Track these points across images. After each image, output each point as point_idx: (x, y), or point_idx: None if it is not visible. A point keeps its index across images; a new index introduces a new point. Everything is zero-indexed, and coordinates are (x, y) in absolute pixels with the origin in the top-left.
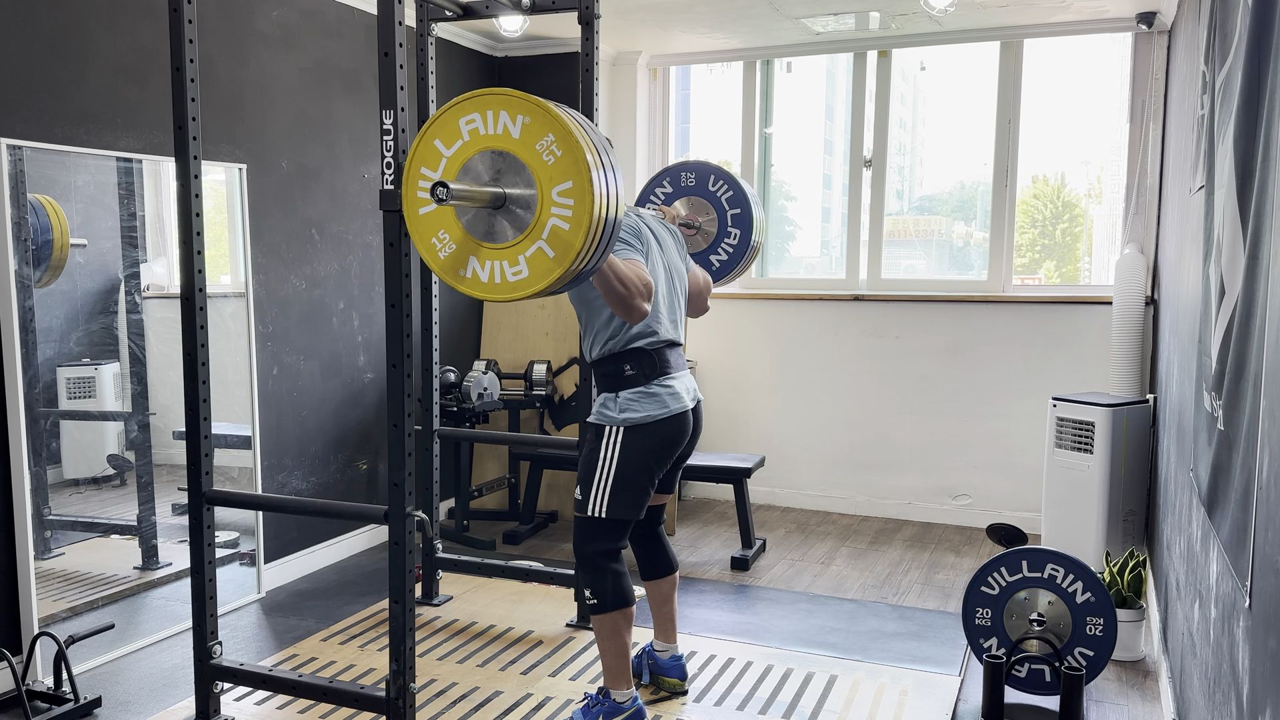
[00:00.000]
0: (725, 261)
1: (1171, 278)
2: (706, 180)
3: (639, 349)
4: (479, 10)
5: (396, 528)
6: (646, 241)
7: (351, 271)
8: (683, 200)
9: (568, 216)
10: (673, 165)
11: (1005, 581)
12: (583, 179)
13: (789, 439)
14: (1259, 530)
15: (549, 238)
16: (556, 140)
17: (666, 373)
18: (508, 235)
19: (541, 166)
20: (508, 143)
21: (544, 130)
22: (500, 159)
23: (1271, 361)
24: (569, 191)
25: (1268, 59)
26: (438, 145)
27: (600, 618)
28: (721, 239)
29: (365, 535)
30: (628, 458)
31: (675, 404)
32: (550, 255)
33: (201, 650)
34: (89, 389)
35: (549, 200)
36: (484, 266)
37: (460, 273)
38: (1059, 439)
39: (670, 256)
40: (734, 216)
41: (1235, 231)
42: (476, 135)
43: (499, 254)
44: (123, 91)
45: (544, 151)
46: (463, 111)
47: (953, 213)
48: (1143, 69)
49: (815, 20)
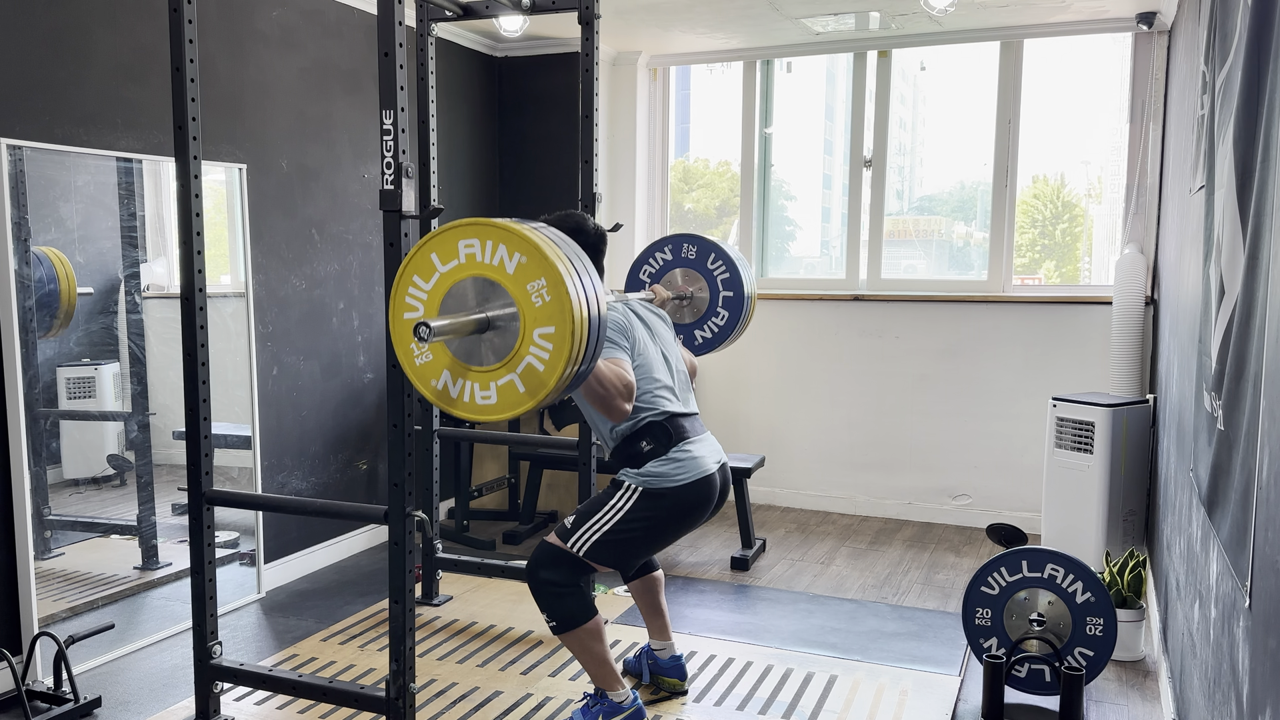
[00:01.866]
0: (708, 339)
1: (1171, 278)
2: (707, 257)
3: (652, 423)
4: (479, 10)
5: (396, 528)
6: (634, 336)
7: (351, 271)
8: (679, 270)
9: (544, 358)
10: (676, 235)
11: (1005, 581)
12: (565, 327)
13: (789, 439)
14: (1259, 530)
15: (523, 373)
16: (548, 285)
17: (685, 438)
18: (484, 360)
19: (529, 305)
20: (501, 276)
21: (538, 273)
22: (490, 288)
23: (1271, 361)
24: (550, 336)
25: (1268, 59)
26: (434, 259)
27: (565, 636)
28: (709, 317)
29: (365, 535)
30: (634, 518)
31: (696, 468)
32: (521, 390)
33: (201, 650)
34: (89, 389)
35: (529, 339)
36: (456, 383)
37: (432, 382)
38: (1059, 439)
39: (662, 339)
40: (725, 299)
41: (1235, 231)
42: (472, 260)
43: (472, 375)
44: (123, 91)
45: (534, 293)
46: (463, 235)
47: (953, 213)
48: (1143, 69)
49: (815, 20)
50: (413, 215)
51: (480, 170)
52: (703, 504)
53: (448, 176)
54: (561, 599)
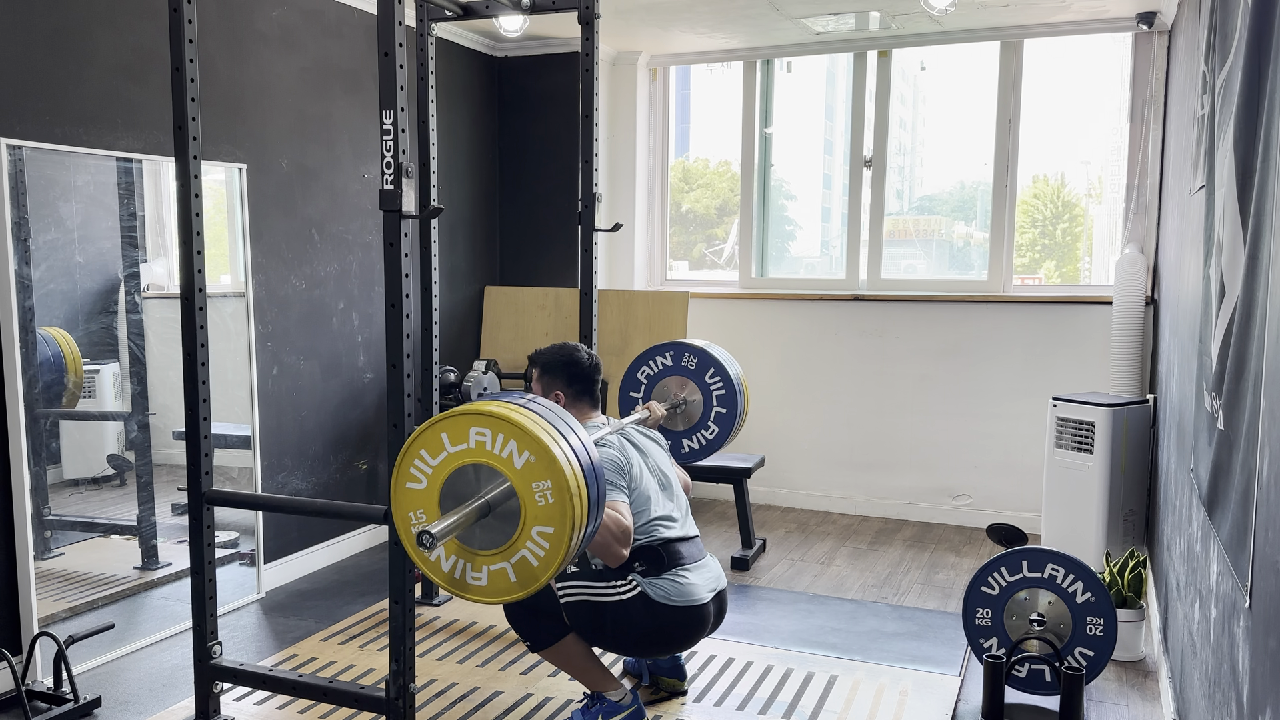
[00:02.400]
0: (695, 450)
1: (1171, 278)
2: (705, 370)
3: (646, 547)
4: (479, 10)
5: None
6: (630, 472)
7: (351, 271)
8: (675, 379)
9: (540, 555)
10: (679, 343)
11: (1005, 581)
12: (564, 530)
13: (789, 439)
14: (1259, 530)
15: (516, 564)
16: (553, 489)
17: (679, 564)
18: (480, 544)
19: (531, 503)
20: (508, 469)
21: (545, 475)
22: (495, 476)
23: (1271, 361)
24: (548, 535)
25: (1268, 59)
26: (444, 439)
27: (542, 654)
28: (699, 429)
29: (365, 535)
30: (620, 612)
31: (690, 595)
32: (512, 580)
33: (201, 650)
34: (89, 389)
35: (528, 534)
36: (449, 558)
37: (425, 552)
38: (1059, 439)
39: (657, 462)
40: (718, 414)
41: (1235, 231)
42: (481, 448)
43: (465, 555)
44: (123, 91)
45: (538, 493)
46: (476, 423)
47: (953, 213)
48: (1143, 69)
49: (815, 20)
50: (413, 215)
51: (480, 170)
52: (688, 631)
53: (448, 176)
54: (530, 619)
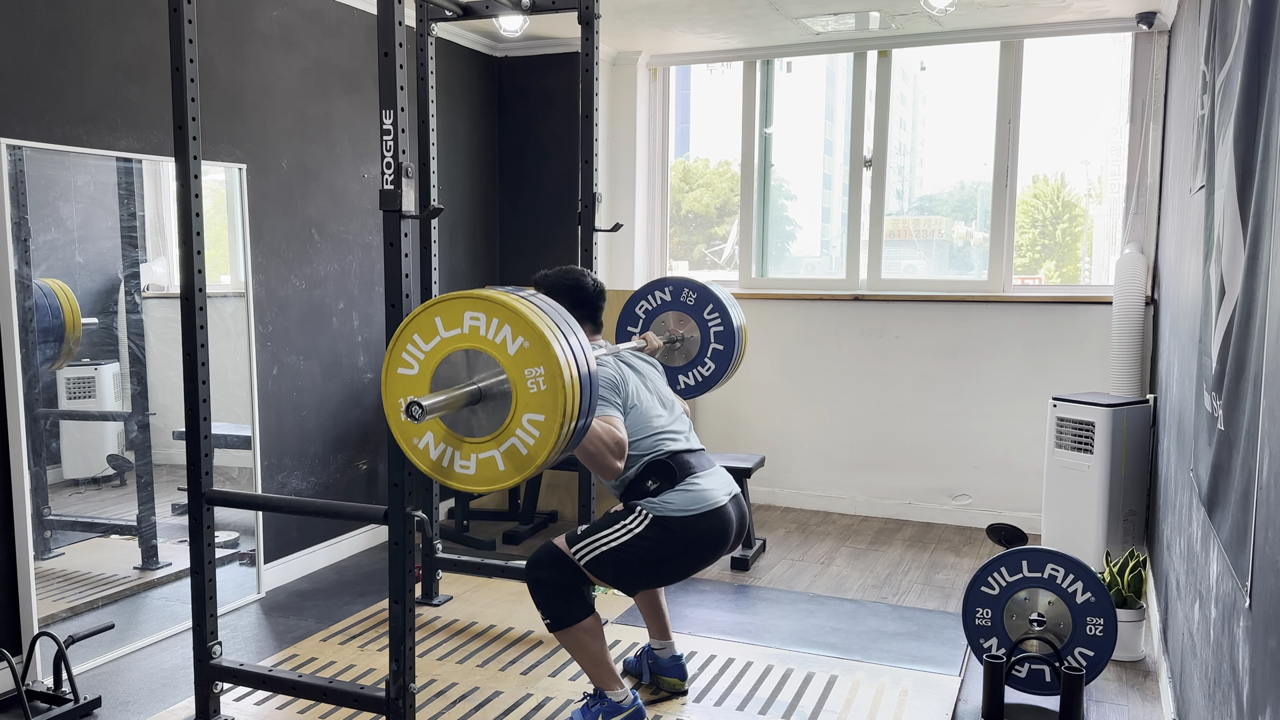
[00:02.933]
0: (691, 387)
1: (1171, 278)
2: (704, 306)
3: (655, 461)
4: (479, 10)
5: (396, 528)
6: (626, 390)
7: (351, 271)
8: (673, 314)
9: (530, 444)
10: (678, 278)
11: (1005, 581)
12: (555, 418)
13: (789, 439)
14: (1259, 530)
15: (506, 452)
16: (545, 376)
17: (691, 473)
18: (470, 431)
19: (523, 389)
20: (501, 355)
21: (537, 361)
22: (488, 362)
23: (1271, 361)
24: (539, 424)
25: (1268, 59)
26: (437, 323)
27: (560, 634)
28: (696, 364)
29: (365, 535)
30: (641, 545)
31: (706, 499)
32: (501, 468)
33: (201, 650)
34: (89, 389)
35: (518, 422)
36: (438, 445)
37: (414, 440)
38: (1059, 439)
39: (655, 384)
40: (715, 351)
41: (1235, 231)
42: (475, 333)
43: (454, 442)
44: (123, 91)
45: (530, 379)
46: (471, 307)
47: (953, 213)
48: (1143, 69)
49: (815, 20)
50: (413, 215)
51: (480, 170)
52: (715, 537)
53: (448, 176)
54: (556, 598)
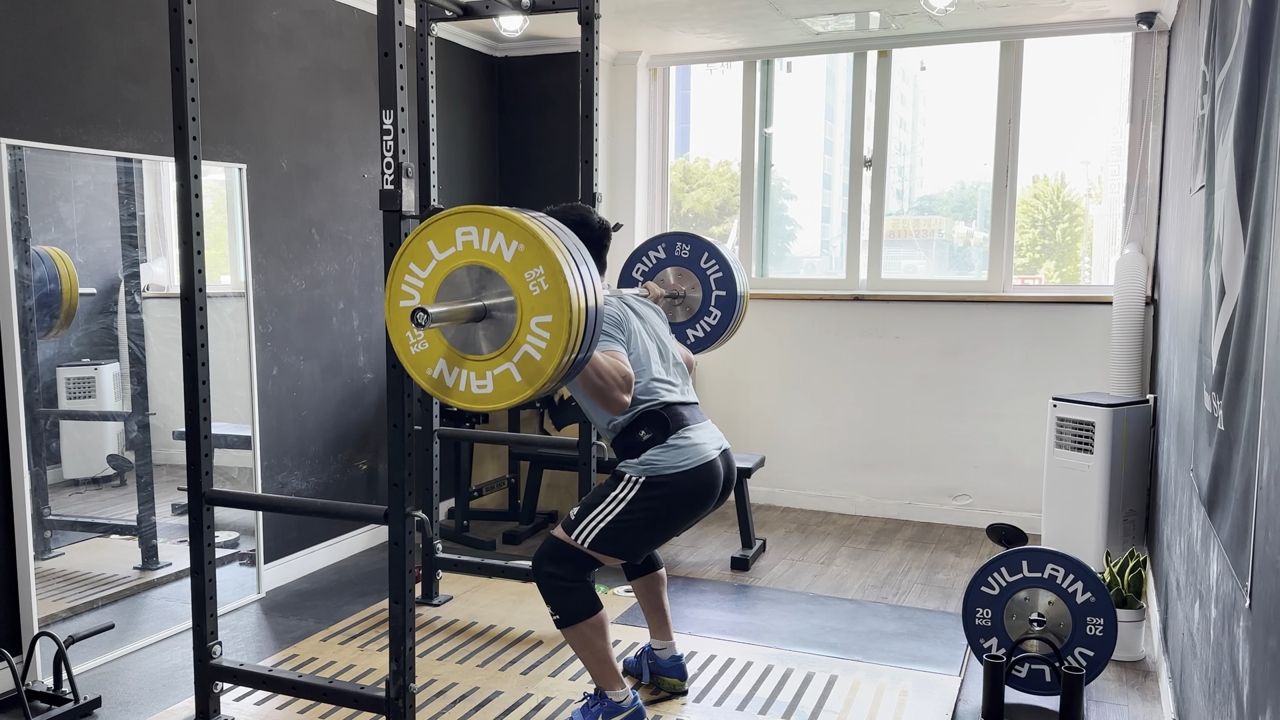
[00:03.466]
0: (701, 338)
1: (1171, 278)
2: (700, 256)
3: (650, 411)
4: (479, 10)
5: (396, 528)
6: (628, 328)
7: (351, 271)
8: (672, 269)
9: (541, 348)
10: (670, 233)
11: (1005, 581)
12: (563, 316)
13: (789, 439)
14: (1259, 530)
15: (520, 361)
16: (545, 275)
17: (684, 426)
18: (481, 348)
19: (526, 294)
20: (498, 264)
21: (535, 261)
22: (487, 275)
23: (1271, 361)
24: (547, 325)
25: (1268, 59)
26: (430, 246)
27: (568, 631)
28: (702, 316)
29: (365, 535)
30: (636, 510)
31: (697, 454)
32: (517, 379)
33: (201, 650)
34: (89, 389)
35: (526, 328)
36: (452, 371)
37: (428, 371)
38: (1059, 439)
39: (656, 330)
40: (718, 298)
41: (1235, 231)
42: (470, 248)
43: (469, 364)
44: (123, 91)
45: (531, 281)
46: (461, 223)
47: (953, 213)
48: (1143, 69)
49: (815, 20)
50: (413, 215)
51: (480, 170)
52: (706, 490)
53: (448, 176)
54: (566, 593)
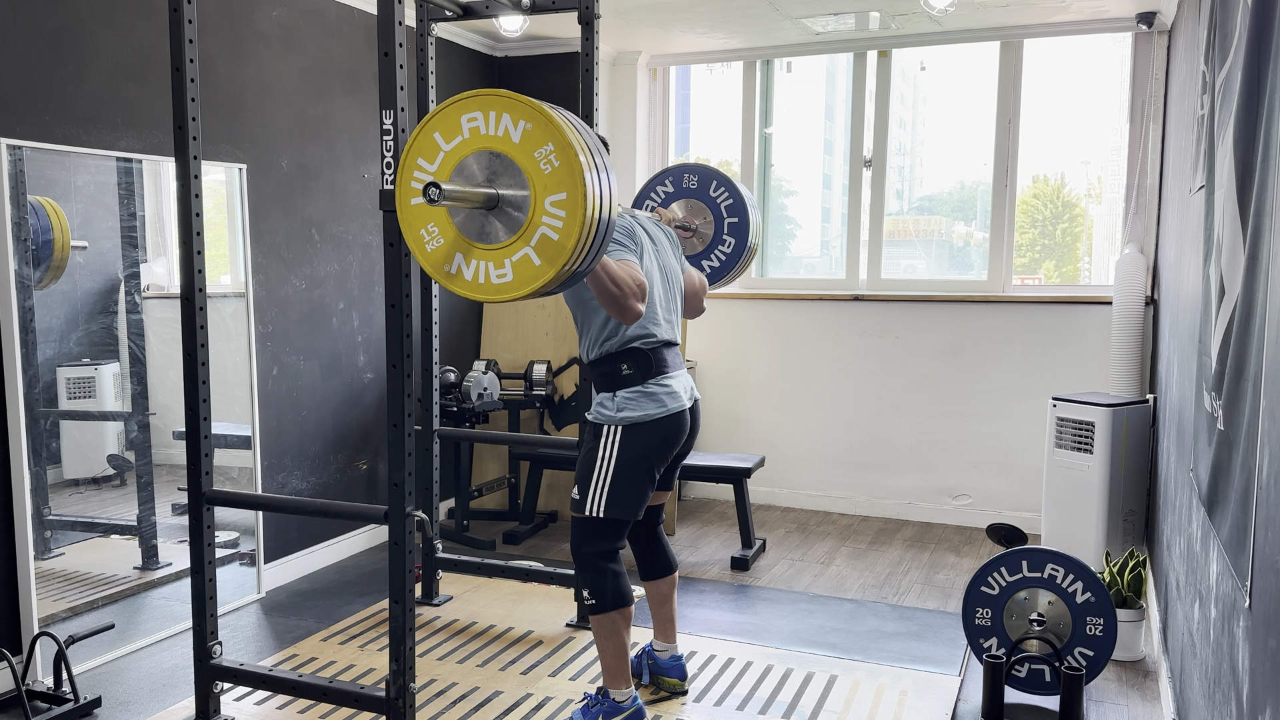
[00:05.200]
0: (717, 268)
1: (1171, 278)
2: (708, 185)
3: (636, 349)
4: (479, 10)
5: (396, 528)
6: (640, 242)
7: (351, 271)
8: (681, 202)
9: (558, 227)
10: (675, 166)
11: (1005, 581)
12: (577, 192)
13: (789, 439)
14: (1259, 530)
15: (538, 244)
16: (555, 151)
17: (664, 372)
18: (497, 236)
19: (538, 174)
20: (507, 146)
21: (544, 139)
22: (497, 160)
23: (1271, 361)
24: (562, 203)
25: (1268, 59)
26: (437, 138)
27: (599, 618)
28: (716, 245)
29: (365, 535)
30: (626, 457)
31: (673, 403)
32: (536, 263)
33: (201, 650)
34: (89, 389)
35: (541, 208)
36: (470, 265)
37: (446, 268)
38: (1059, 439)
39: (665, 257)
40: (731, 225)
41: (1235, 231)
42: (477, 134)
43: (486, 254)
44: (123, 91)
45: (542, 160)
46: (466, 109)
47: (953, 213)
48: (1143, 69)
49: (815, 20)
50: None
51: None
52: (677, 434)
53: None
54: (605, 575)
